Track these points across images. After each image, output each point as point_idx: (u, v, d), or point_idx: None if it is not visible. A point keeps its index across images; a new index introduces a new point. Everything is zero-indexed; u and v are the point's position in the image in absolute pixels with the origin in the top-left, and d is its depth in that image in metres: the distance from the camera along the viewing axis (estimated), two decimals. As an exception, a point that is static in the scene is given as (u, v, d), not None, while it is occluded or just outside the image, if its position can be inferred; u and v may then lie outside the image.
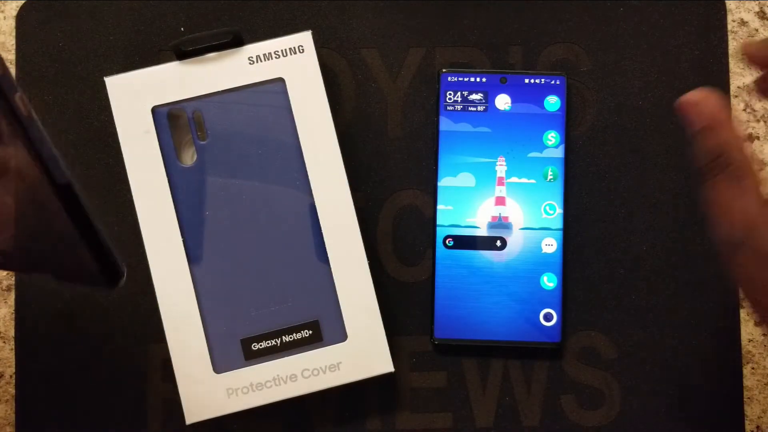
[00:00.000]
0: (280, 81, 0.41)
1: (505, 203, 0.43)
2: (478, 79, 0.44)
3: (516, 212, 0.43)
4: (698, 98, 0.30)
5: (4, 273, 0.44)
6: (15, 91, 0.25)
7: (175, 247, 0.40)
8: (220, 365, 0.40)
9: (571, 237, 0.44)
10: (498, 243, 0.43)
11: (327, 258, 0.40)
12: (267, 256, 0.40)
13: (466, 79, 0.44)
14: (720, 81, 0.45)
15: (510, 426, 0.43)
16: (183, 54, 0.40)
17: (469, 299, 0.43)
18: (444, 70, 0.44)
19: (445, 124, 0.44)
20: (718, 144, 0.29)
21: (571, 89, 0.45)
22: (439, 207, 0.43)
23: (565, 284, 0.43)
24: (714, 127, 0.29)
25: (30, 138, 0.25)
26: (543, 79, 0.44)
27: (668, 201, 0.44)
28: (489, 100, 0.44)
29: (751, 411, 0.43)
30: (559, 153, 0.44)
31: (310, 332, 0.40)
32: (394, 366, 0.40)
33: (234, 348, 0.40)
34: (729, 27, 0.45)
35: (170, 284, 0.40)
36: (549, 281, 0.43)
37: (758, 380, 0.44)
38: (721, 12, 0.45)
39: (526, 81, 0.44)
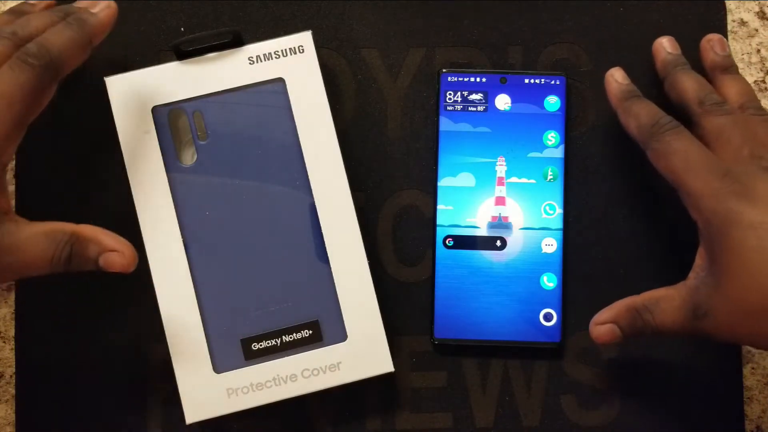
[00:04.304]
0: (280, 81, 0.41)
1: (505, 203, 0.43)
2: (478, 79, 0.44)
3: (516, 212, 0.43)
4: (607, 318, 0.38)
5: (4, 273, 0.44)
6: None
7: (175, 247, 0.40)
8: (220, 365, 0.40)
9: (571, 237, 0.44)
10: (498, 243, 0.43)
11: (327, 258, 0.40)
12: (267, 256, 0.40)
13: (466, 79, 0.44)
14: (720, 81, 0.45)
15: (510, 426, 0.43)
16: (183, 54, 0.40)
17: (469, 299, 0.43)
18: (444, 70, 0.44)
19: (445, 124, 0.44)
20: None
21: (571, 89, 0.45)
22: (439, 207, 0.43)
23: (565, 284, 0.43)
24: None
25: None
26: (543, 79, 0.44)
27: (668, 201, 0.44)
28: (489, 100, 0.44)
29: (751, 411, 0.43)
30: (559, 153, 0.44)
31: (310, 332, 0.40)
32: (394, 366, 0.40)
33: (234, 348, 0.40)
34: (729, 27, 0.45)
35: (170, 284, 0.40)
36: (549, 281, 0.43)
37: (758, 380, 0.44)
38: (721, 12, 0.45)
39: (526, 81, 0.44)
